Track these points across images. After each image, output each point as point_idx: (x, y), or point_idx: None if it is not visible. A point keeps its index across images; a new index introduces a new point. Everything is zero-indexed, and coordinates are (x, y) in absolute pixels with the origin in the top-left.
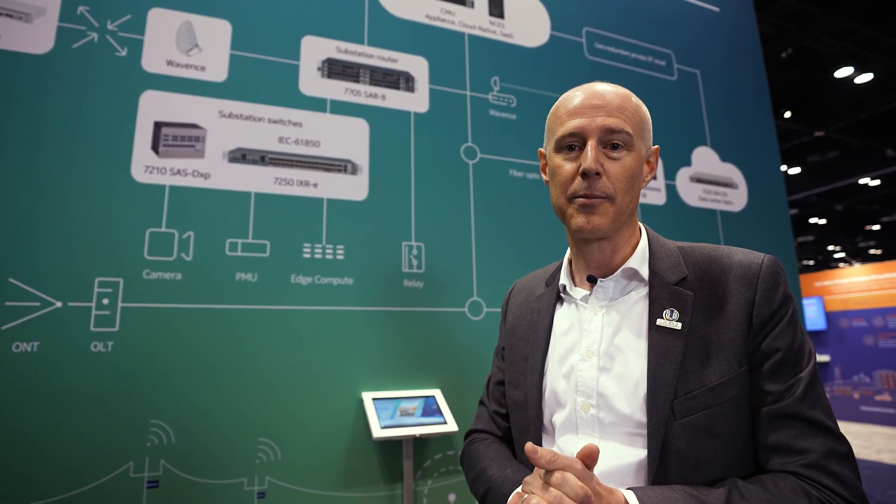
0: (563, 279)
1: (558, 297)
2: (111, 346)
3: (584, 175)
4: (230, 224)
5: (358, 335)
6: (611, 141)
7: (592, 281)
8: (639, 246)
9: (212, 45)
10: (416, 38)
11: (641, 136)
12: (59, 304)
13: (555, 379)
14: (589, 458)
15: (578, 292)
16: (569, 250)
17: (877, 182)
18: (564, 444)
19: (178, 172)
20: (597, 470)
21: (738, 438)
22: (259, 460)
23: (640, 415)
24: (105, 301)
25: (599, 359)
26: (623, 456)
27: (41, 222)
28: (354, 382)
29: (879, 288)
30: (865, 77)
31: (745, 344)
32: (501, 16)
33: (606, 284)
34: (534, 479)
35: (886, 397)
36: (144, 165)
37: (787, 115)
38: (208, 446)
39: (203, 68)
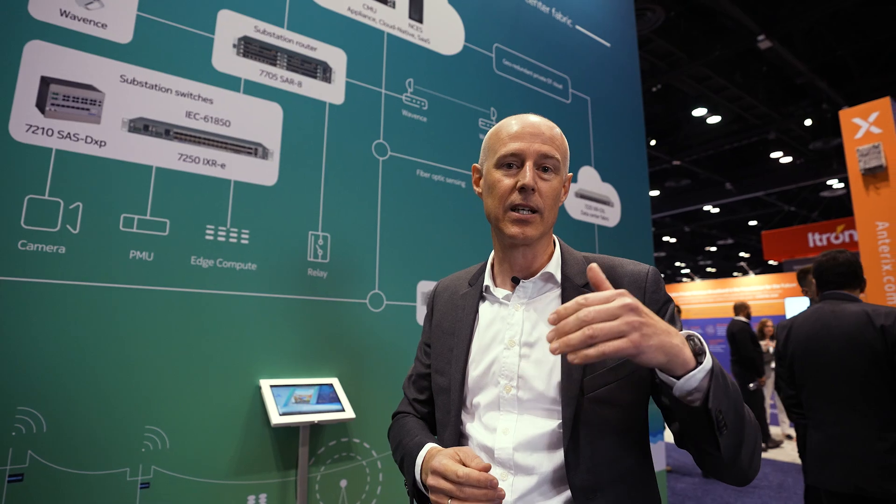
0: (487, 280)
1: (481, 295)
2: None
3: (522, 189)
4: (126, 198)
5: (259, 322)
6: (543, 164)
7: (515, 281)
8: (554, 255)
9: (116, 1)
10: (336, 29)
11: (565, 164)
12: None
13: (478, 365)
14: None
15: (500, 292)
16: (492, 255)
17: (717, 210)
18: (488, 420)
19: (68, 136)
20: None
21: (632, 408)
22: (145, 449)
23: (555, 393)
24: None
25: (520, 348)
26: (539, 427)
27: None
28: (252, 369)
29: (713, 301)
30: (715, 119)
31: None
32: (420, 20)
33: (527, 285)
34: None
35: None
36: (26, 124)
37: (653, 142)
38: (86, 435)
39: (104, 25)
